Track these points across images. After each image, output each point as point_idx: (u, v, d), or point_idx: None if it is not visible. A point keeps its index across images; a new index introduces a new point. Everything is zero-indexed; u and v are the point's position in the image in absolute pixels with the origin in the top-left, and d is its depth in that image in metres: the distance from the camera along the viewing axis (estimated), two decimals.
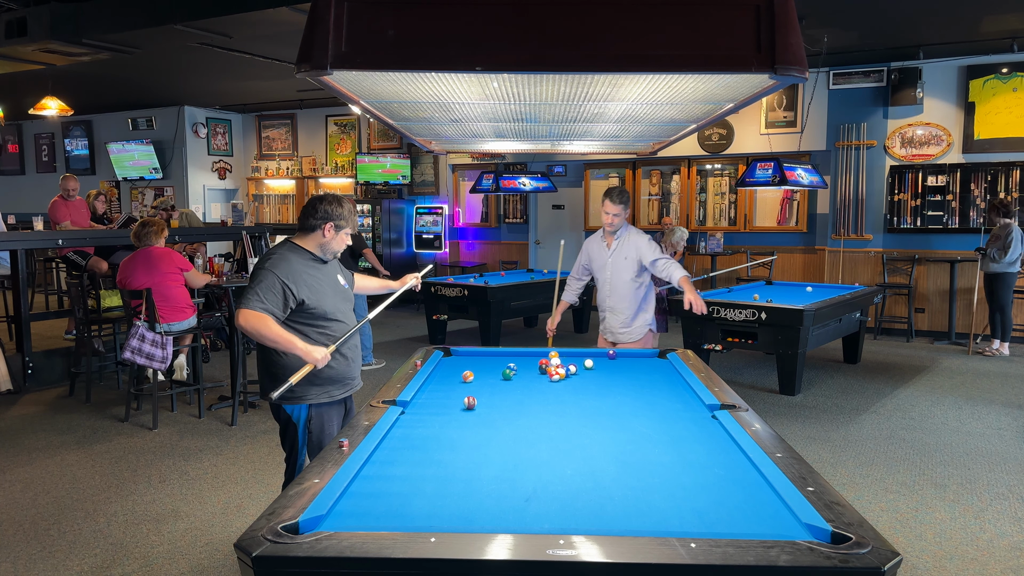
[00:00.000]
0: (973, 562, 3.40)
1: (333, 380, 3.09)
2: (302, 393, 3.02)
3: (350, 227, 3.09)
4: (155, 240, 5.71)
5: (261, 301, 2.85)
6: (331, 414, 3.13)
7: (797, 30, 2.35)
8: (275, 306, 2.88)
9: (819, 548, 1.65)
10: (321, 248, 3.07)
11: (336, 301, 3.09)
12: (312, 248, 3.07)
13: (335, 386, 3.11)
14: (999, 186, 8.62)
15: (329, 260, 3.14)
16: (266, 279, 2.90)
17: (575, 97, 2.98)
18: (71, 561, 3.43)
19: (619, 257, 4.55)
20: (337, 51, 2.34)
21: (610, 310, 4.63)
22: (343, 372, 3.13)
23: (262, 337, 2.84)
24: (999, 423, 5.53)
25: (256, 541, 1.69)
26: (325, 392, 3.07)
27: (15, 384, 6.46)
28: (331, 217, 3.02)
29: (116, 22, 7.16)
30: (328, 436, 3.09)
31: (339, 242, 3.07)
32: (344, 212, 3.05)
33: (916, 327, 9.08)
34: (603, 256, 4.62)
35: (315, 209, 3.03)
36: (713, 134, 10.05)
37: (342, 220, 3.04)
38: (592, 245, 4.72)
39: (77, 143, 13.85)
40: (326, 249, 3.08)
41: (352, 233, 3.13)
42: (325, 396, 3.07)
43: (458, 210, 12.10)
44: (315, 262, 3.07)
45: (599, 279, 4.66)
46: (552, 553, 1.64)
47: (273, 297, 2.88)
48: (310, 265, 3.04)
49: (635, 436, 2.58)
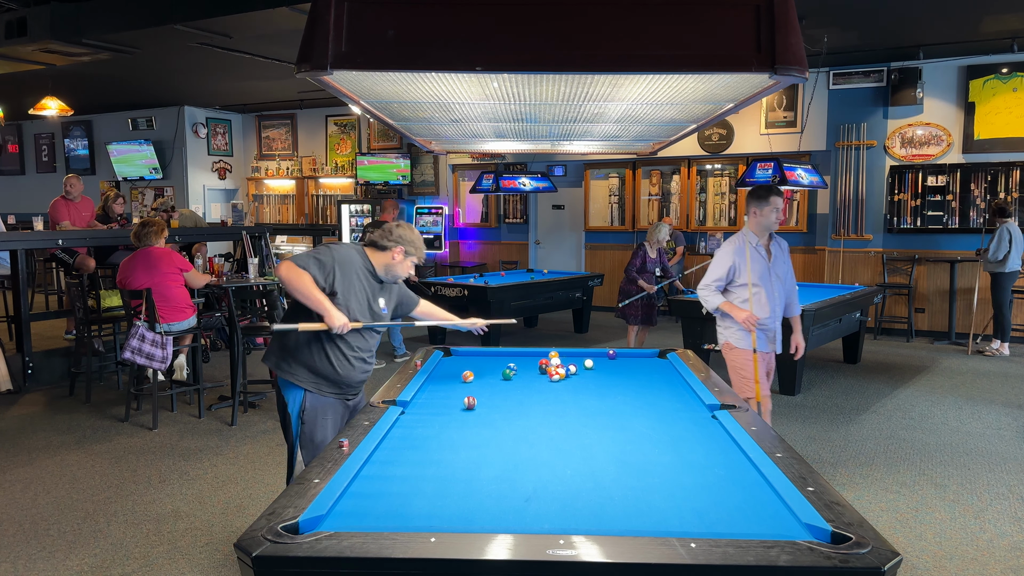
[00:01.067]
0: (973, 562, 3.39)
1: (327, 377, 3.10)
2: (294, 371, 3.08)
3: (418, 257, 3.22)
4: (155, 240, 5.71)
5: (308, 266, 3.00)
6: (325, 409, 3.12)
7: (797, 30, 2.35)
8: (317, 275, 3.01)
9: (819, 548, 1.65)
10: (386, 268, 3.19)
11: (361, 315, 3.15)
12: (376, 264, 3.19)
13: (327, 383, 3.11)
14: (999, 186, 8.62)
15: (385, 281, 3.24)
16: (324, 256, 3.06)
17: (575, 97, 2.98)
18: (71, 561, 3.43)
19: (780, 263, 4.23)
20: (337, 51, 2.34)
21: (773, 319, 4.20)
22: (341, 374, 3.12)
23: (296, 290, 2.96)
24: (999, 423, 5.53)
25: (256, 541, 1.69)
26: (314, 383, 3.09)
27: (15, 384, 6.46)
28: (403, 242, 3.17)
29: (116, 22, 7.16)
30: (321, 430, 3.09)
31: (404, 268, 3.20)
32: (415, 240, 3.20)
33: (916, 327, 9.08)
34: (763, 265, 4.15)
35: (391, 232, 3.18)
36: (713, 134, 10.05)
37: (412, 247, 3.19)
38: (745, 254, 4.11)
39: (77, 143, 13.85)
40: (389, 270, 3.20)
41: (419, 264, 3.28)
42: (314, 387, 3.09)
43: (458, 210, 12.11)
44: (371, 276, 3.19)
45: (758, 290, 4.11)
46: (552, 553, 1.64)
47: (320, 271, 3.02)
48: (364, 274, 3.16)
49: (635, 436, 2.58)
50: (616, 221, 11.19)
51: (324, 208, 12.93)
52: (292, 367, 3.08)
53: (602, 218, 11.31)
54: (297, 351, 3.08)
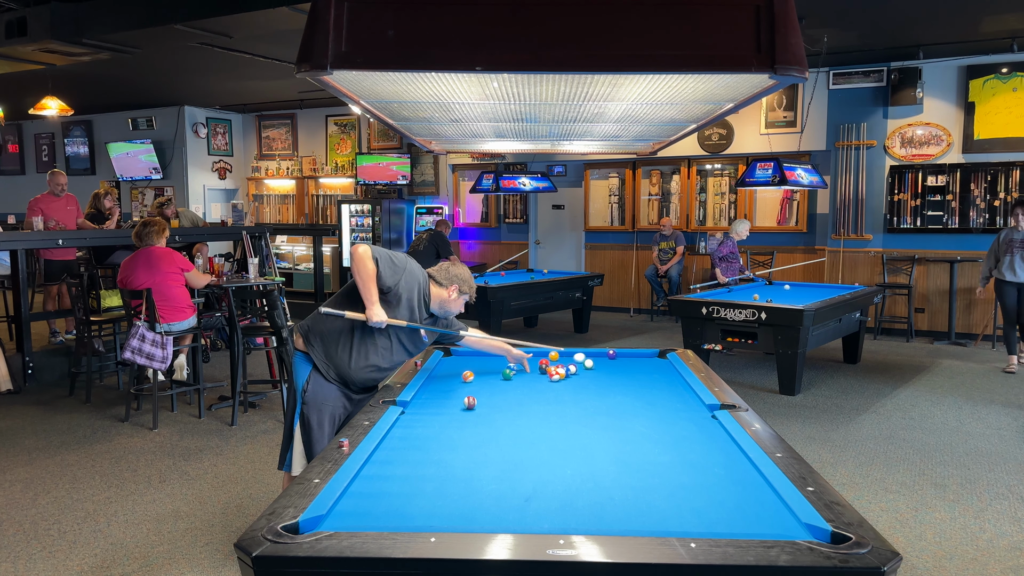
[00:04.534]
0: (973, 562, 3.40)
1: (337, 365, 3.20)
2: (314, 345, 3.21)
3: (470, 296, 3.36)
4: (156, 240, 5.71)
5: (379, 259, 3.13)
6: (326, 397, 3.20)
7: (797, 30, 2.34)
8: (385, 274, 3.14)
9: (819, 548, 1.65)
10: (440, 304, 3.31)
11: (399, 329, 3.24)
12: (433, 296, 3.31)
13: (334, 370, 3.21)
14: (999, 186, 8.62)
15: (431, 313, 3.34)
16: (399, 261, 3.21)
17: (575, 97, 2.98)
18: (71, 561, 3.43)
19: None
20: (337, 51, 2.34)
21: None
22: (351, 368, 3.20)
23: (358, 272, 3.11)
24: (999, 423, 5.53)
25: (256, 541, 1.69)
26: (324, 364, 3.20)
27: (15, 384, 6.46)
28: (459, 281, 3.31)
29: (116, 22, 7.16)
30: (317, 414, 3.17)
31: (456, 304, 3.34)
32: (468, 280, 3.34)
33: (916, 327, 9.08)
34: None
35: (448, 271, 3.33)
36: (713, 134, 10.05)
37: (466, 286, 3.33)
38: None
39: (77, 143, 13.86)
40: (443, 306, 3.32)
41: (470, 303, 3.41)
42: (323, 367, 3.20)
43: (458, 210, 12.11)
44: (424, 303, 3.29)
45: None
46: (552, 553, 1.64)
47: (389, 271, 3.15)
48: (419, 298, 3.27)
49: (635, 436, 2.58)
50: (616, 221, 11.19)
51: (324, 208, 12.94)
52: (315, 340, 3.21)
53: (602, 218, 11.31)
54: (327, 330, 3.21)
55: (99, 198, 8.25)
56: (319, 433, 3.15)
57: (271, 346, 6.17)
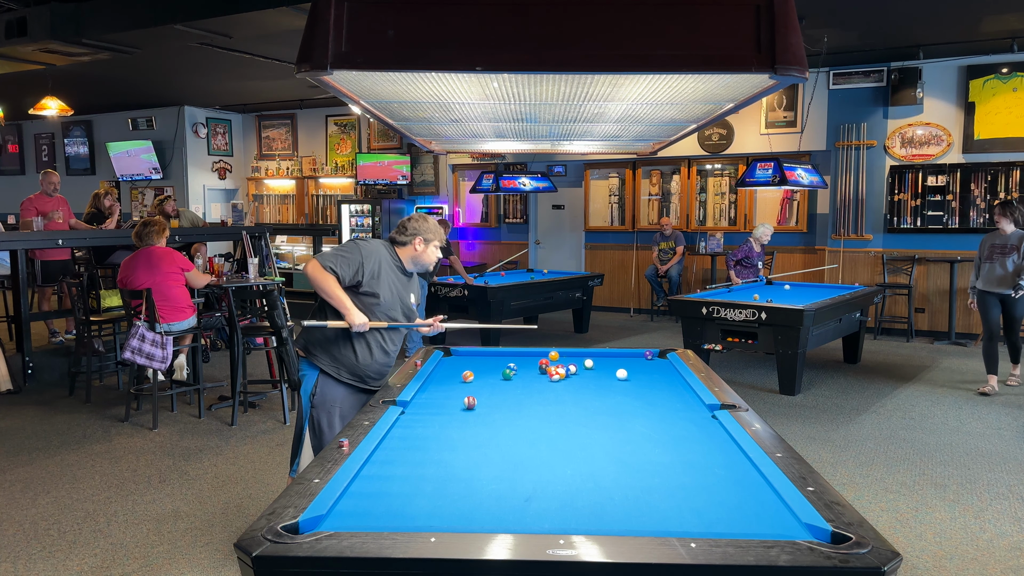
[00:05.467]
0: (973, 562, 3.40)
1: (347, 365, 3.24)
2: (318, 354, 3.23)
3: (437, 241, 3.32)
4: (156, 240, 5.71)
5: (334, 264, 3.14)
6: (335, 398, 3.23)
7: (797, 30, 2.34)
8: (344, 274, 3.15)
9: (819, 548, 1.65)
10: (413, 261, 3.32)
11: (391, 307, 3.27)
12: (403, 258, 3.31)
13: (346, 370, 3.25)
14: (999, 186, 8.62)
15: (412, 273, 3.37)
16: (350, 252, 3.19)
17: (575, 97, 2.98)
18: (71, 561, 3.43)
19: None
20: (337, 51, 2.34)
21: None
22: (362, 363, 3.25)
23: (320, 289, 3.14)
24: (999, 423, 5.53)
25: (256, 541, 1.69)
26: (334, 367, 3.23)
27: (15, 384, 6.46)
28: (420, 232, 3.28)
29: (116, 22, 7.16)
30: (327, 417, 3.20)
31: (429, 255, 3.32)
32: (430, 226, 3.31)
33: (916, 327, 9.08)
34: None
35: (405, 227, 3.30)
36: (713, 134, 10.05)
37: (429, 233, 3.29)
38: None
39: (77, 143, 13.85)
40: (417, 261, 3.32)
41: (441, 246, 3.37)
42: (333, 370, 3.23)
43: (458, 210, 12.10)
44: (398, 268, 3.31)
45: None
46: (552, 553, 1.64)
47: (346, 267, 3.15)
48: (392, 267, 3.28)
49: (635, 436, 2.58)
50: (616, 221, 11.19)
51: (324, 208, 12.93)
52: (316, 351, 3.25)
53: (602, 218, 11.31)
54: (324, 337, 3.23)
55: (99, 198, 8.25)
56: (330, 434, 3.16)
57: (271, 346, 6.16)
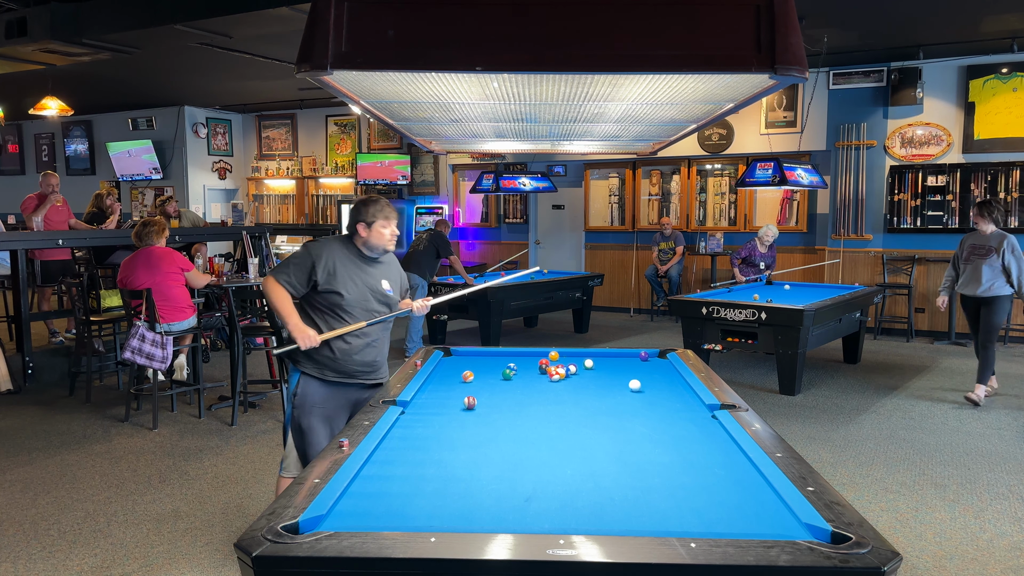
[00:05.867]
0: (973, 562, 3.40)
1: (326, 365, 3.22)
2: (300, 359, 3.22)
3: (381, 219, 3.23)
4: (156, 240, 5.71)
5: (287, 276, 3.15)
6: (315, 398, 3.21)
7: (797, 30, 2.34)
8: (299, 281, 3.15)
9: (819, 548, 1.65)
10: (366, 246, 3.26)
11: (362, 299, 3.23)
12: (359, 245, 3.28)
13: (329, 370, 3.23)
14: (999, 186, 8.62)
15: (377, 258, 3.31)
16: (300, 257, 3.19)
17: (575, 97, 2.98)
18: (71, 561, 3.43)
19: None
20: (337, 51, 2.34)
21: None
22: (340, 359, 3.22)
23: (271, 304, 3.17)
24: (999, 423, 5.53)
25: (256, 541, 1.69)
26: (317, 368, 3.22)
27: (15, 384, 6.46)
28: (359, 218, 3.25)
29: (116, 22, 7.16)
30: (307, 417, 3.18)
31: (377, 235, 3.24)
32: (370, 209, 3.24)
33: (916, 327, 9.08)
34: None
35: (353, 216, 3.27)
36: (713, 134, 10.05)
37: (367, 216, 3.23)
38: None
39: (77, 143, 13.85)
40: (369, 246, 3.26)
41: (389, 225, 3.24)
42: (316, 372, 3.22)
43: (458, 210, 12.10)
44: (359, 259, 3.27)
45: None
46: (552, 553, 1.64)
47: (299, 273, 3.15)
48: (352, 259, 3.24)
49: (635, 436, 2.58)
50: (616, 221, 11.19)
51: (324, 208, 12.93)
52: (298, 359, 3.24)
53: (602, 218, 11.31)
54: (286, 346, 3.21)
55: (101, 198, 8.26)
56: (312, 436, 3.16)
57: (271, 346, 6.16)
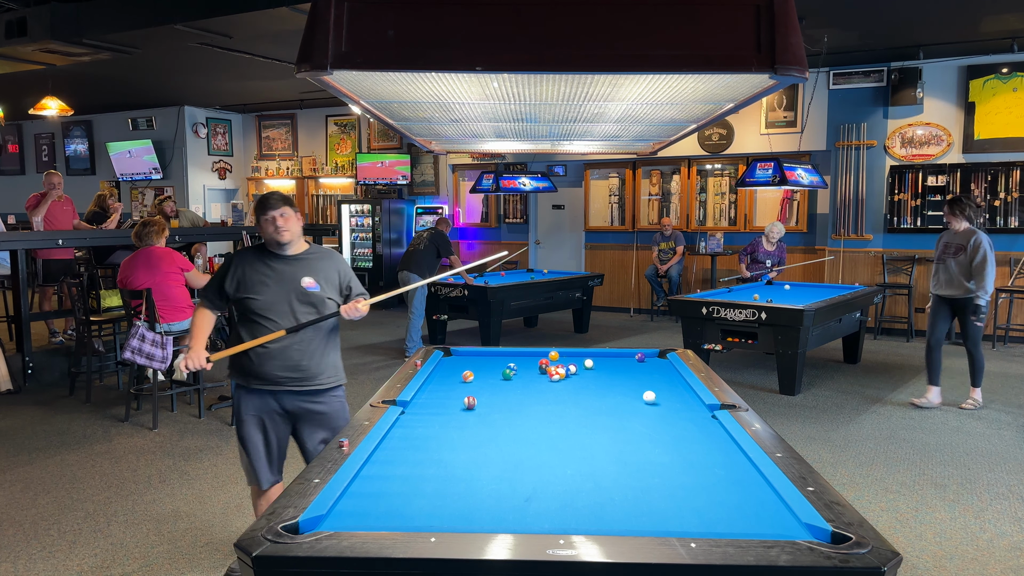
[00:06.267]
0: (973, 562, 3.40)
1: (249, 372, 3.14)
2: (231, 370, 3.26)
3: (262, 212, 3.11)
4: (156, 240, 5.71)
5: (205, 293, 3.24)
6: (249, 403, 3.16)
7: (797, 30, 2.34)
8: (214, 295, 3.22)
9: (819, 548, 1.65)
10: (269, 243, 3.18)
11: (278, 300, 3.09)
12: (268, 246, 3.19)
13: (253, 377, 3.14)
14: (999, 186, 8.62)
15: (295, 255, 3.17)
16: (219, 271, 3.23)
17: (575, 97, 2.98)
18: (71, 561, 3.43)
19: None
20: (337, 51, 2.33)
21: None
22: (256, 364, 3.10)
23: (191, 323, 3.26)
24: (999, 423, 5.53)
25: (256, 541, 1.69)
26: (243, 377, 3.19)
27: (15, 384, 6.46)
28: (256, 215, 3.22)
29: (116, 22, 7.16)
30: (242, 426, 3.16)
31: (271, 229, 3.10)
32: (256, 207, 3.21)
33: (916, 327, 9.08)
34: None
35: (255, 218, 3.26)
36: (713, 134, 10.05)
37: (256, 214, 3.18)
38: None
39: (77, 143, 13.86)
40: (268, 242, 3.17)
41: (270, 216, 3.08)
42: (243, 381, 3.19)
43: (458, 210, 12.11)
44: (273, 260, 3.16)
45: None
46: (552, 553, 1.64)
47: (213, 286, 3.22)
48: (264, 262, 3.15)
49: (635, 436, 2.58)
50: (616, 221, 11.19)
51: (324, 208, 12.94)
52: (230, 367, 3.26)
53: (602, 218, 11.31)
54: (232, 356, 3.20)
55: (104, 198, 8.27)
56: (248, 445, 3.13)
57: None
